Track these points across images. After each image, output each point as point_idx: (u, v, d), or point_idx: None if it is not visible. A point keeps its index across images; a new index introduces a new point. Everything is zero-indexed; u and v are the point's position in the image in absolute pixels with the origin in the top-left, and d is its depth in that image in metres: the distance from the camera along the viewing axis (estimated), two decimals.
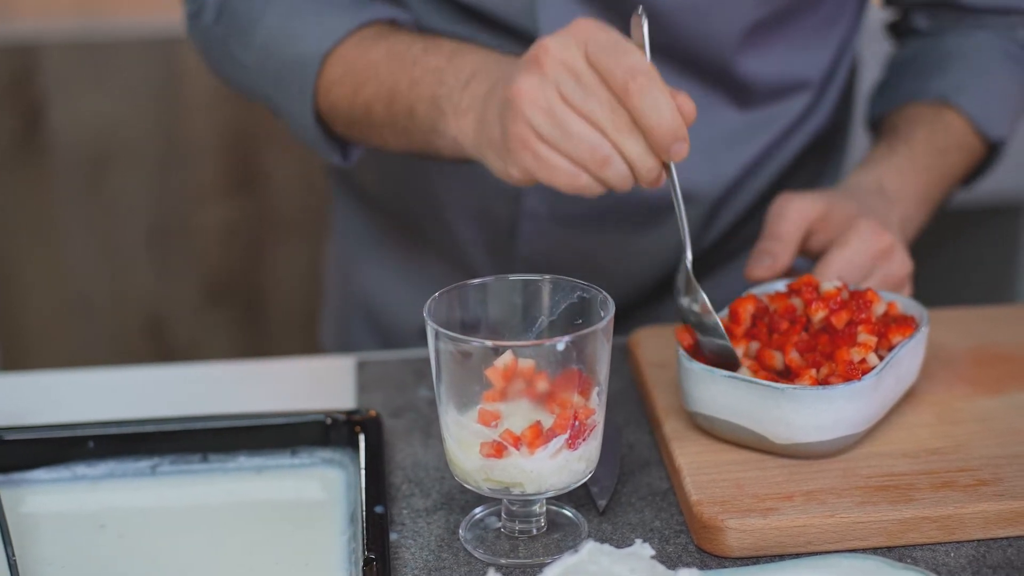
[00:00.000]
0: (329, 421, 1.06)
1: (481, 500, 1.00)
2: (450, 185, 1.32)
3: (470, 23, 1.24)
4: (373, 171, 1.40)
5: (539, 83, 0.94)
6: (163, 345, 2.63)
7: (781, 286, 1.10)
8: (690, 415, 1.05)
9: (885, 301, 1.06)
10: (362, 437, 1.04)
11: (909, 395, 1.09)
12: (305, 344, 2.60)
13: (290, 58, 1.19)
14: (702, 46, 1.21)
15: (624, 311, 1.27)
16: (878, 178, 1.22)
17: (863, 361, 1.00)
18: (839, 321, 1.03)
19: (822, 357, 1.02)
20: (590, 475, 0.95)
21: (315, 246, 2.57)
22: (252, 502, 1.03)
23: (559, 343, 0.90)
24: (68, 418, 1.09)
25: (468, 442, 0.93)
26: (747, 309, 1.06)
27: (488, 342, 0.90)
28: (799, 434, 0.99)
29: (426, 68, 1.09)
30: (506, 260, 1.33)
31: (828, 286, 1.05)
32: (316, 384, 1.21)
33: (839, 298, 1.04)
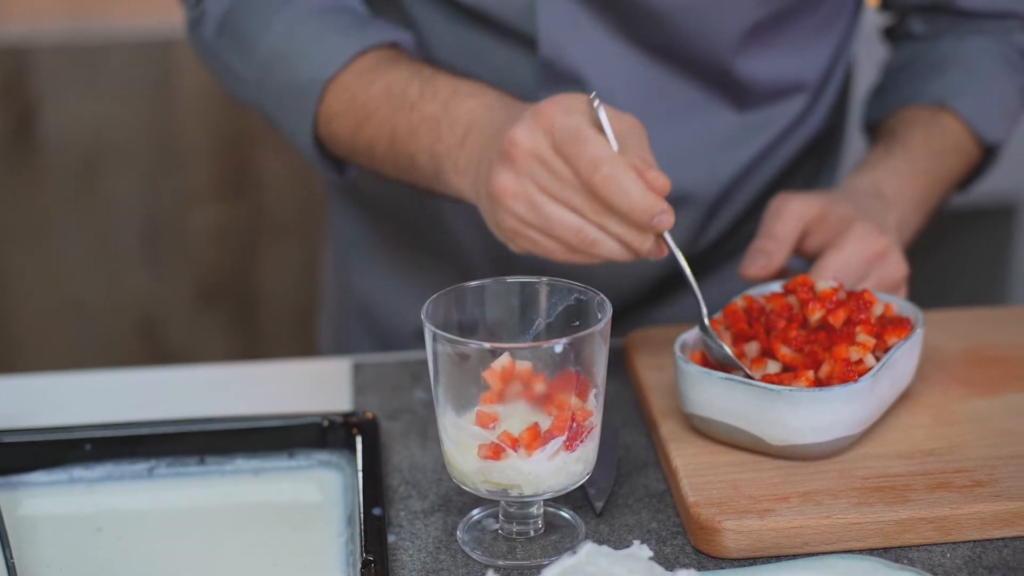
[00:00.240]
0: (326, 423, 1.06)
1: (479, 502, 1.01)
2: None
3: (470, 24, 1.24)
4: (370, 174, 1.40)
5: (515, 178, 0.98)
6: (156, 347, 2.63)
7: (777, 287, 1.11)
8: (687, 417, 1.05)
9: (882, 303, 1.06)
10: (359, 439, 1.04)
11: (905, 397, 1.09)
12: (299, 346, 2.59)
13: (291, 81, 1.19)
14: (700, 47, 1.21)
15: (620, 313, 1.27)
16: (875, 181, 1.22)
17: (860, 362, 1.00)
18: (836, 320, 1.03)
19: (822, 349, 1.02)
20: (587, 477, 0.96)
21: (309, 248, 2.57)
22: (249, 504, 1.03)
23: (557, 345, 0.90)
24: (64, 421, 1.09)
25: (466, 444, 0.93)
26: (739, 307, 1.07)
27: (486, 344, 0.90)
28: (795, 435, 0.99)
29: (423, 116, 1.10)
30: (503, 262, 1.33)
31: (824, 285, 1.06)
32: (312, 386, 1.21)
33: (835, 297, 1.04)
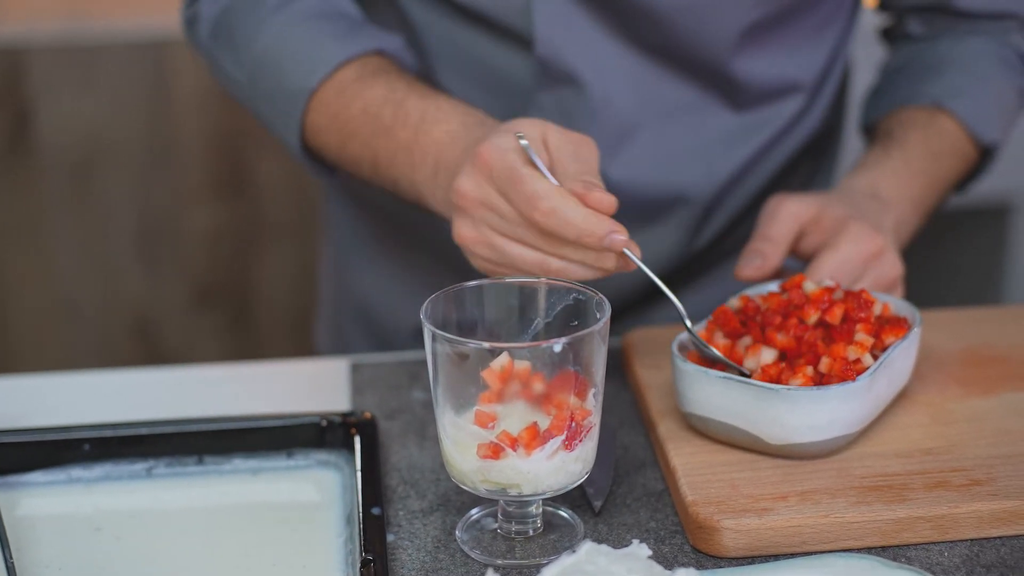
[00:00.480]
0: (324, 423, 1.06)
1: (477, 501, 1.01)
2: None
3: (466, 23, 1.24)
4: None
5: (472, 225, 1.02)
6: (152, 348, 2.63)
7: (774, 287, 1.11)
8: (685, 416, 1.05)
9: (880, 302, 1.07)
10: (357, 439, 1.04)
11: (902, 396, 1.09)
12: (295, 347, 2.59)
13: (278, 89, 1.21)
14: (697, 47, 1.21)
15: (618, 313, 1.28)
16: (872, 182, 1.23)
17: (857, 361, 1.01)
18: (834, 318, 1.03)
19: (820, 340, 1.02)
20: (586, 476, 0.96)
21: (304, 249, 2.57)
22: (248, 504, 1.03)
23: (555, 345, 0.90)
24: (62, 421, 1.09)
25: (465, 443, 0.93)
26: (732, 309, 1.07)
27: (485, 344, 0.90)
28: (793, 435, 0.99)
29: (398, 144, 1.12)
30: None
31: (811, 286, 1.06)
32: (311, 386, 1.21)
33: (829, 297, 1.04)
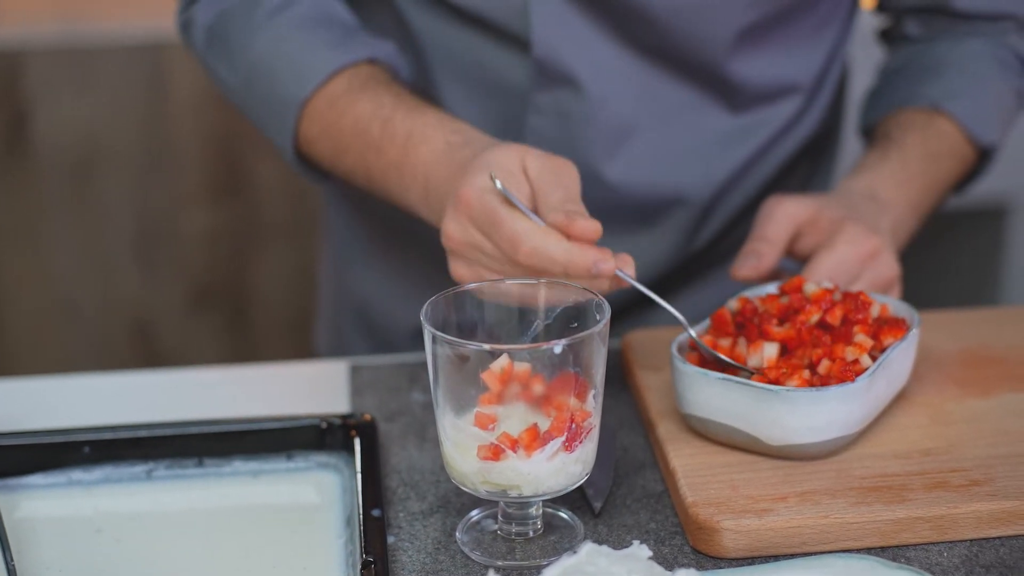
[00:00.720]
0: (324, 425, 1.06)
1: (477, 503, 1.01)
2: None
3: (464, 25, 1.24)
4: None
5: (466, 265, 1.03)
6: (149, 350, 2.63)
7: (773, 288, 1.11)
8: (684, 417, 1.05)
9: (878, 303, 1.07)
10: (357, 441, 1.04)
11: (901, 397, 1.09)
12: (292, 349, 2.59)
13: (271, 97, 1.21)
14: (695, 49, 1.22)
15: (617, 314, 1.28)
16: (870, 184, 1.23)
17: (856, 362, 1.01)
18: (834, 318, 1.03)
19: (820, 337, 1.03)
20: (586, 477, 0.96)
21: (302, 250, 2.57)
22: (248, 506, 1.04)
23: (556, 346, 0.90)
24: (60, 423, 1.09)
25: (465, 445, 0.93)
26: (731, 310, 1.07)
27: (485, 346, 0.90)
28: (793, 435, 0.99)
29: (388, 162, 1.13)
30: None
31: (812, 288, 1.06)
32: (310, 388, 1.21)
33: (830, 298, 1.05)
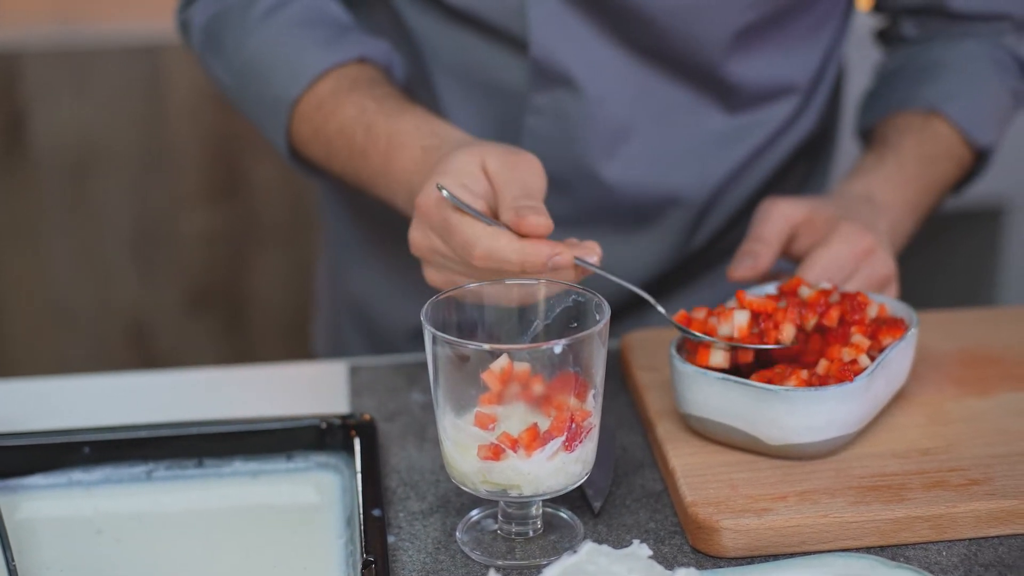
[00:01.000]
0: (324, 426, 1.06)
1: (477, 502, 1.01)
2: None
3: (461, 26, 1.24)
4: None
5: (436, 271, 1.04)
6: (146, 352, 2.63)
7: (771, 288, 1.11)
8: (683, 417, 1.05)
9: (876, 303, 1.07)
10: (357, 441, 1.04)
11: (899, 396, 1.10)
12: (289, 351, 2.59)
13: (263, 96, 1.22)
14: (691, 49, 1.22)
15: (615, 314, 1.28)
16: (867, 187, 1.23)
17: (854, 362, 1.01)
18: (831, 320, 1.04)
19: (824, 344, 1.03)
20: (586, 477, 0.96)
21: (299, 252, 2.57)
22: (248, 507, 1.04)
23: (555, 346, 0.90)
24: (61, 424, 1.09)
25: (465, 445, 0.93)
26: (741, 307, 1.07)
27: (485, 346, 0.91)
28: (792, 435, 1.00)
29: (374, 169, 1.14)
30: None
31: (806, 292, 1.06)
32: (309, 389, 1.22)
33: (825, 300, 1.05)
